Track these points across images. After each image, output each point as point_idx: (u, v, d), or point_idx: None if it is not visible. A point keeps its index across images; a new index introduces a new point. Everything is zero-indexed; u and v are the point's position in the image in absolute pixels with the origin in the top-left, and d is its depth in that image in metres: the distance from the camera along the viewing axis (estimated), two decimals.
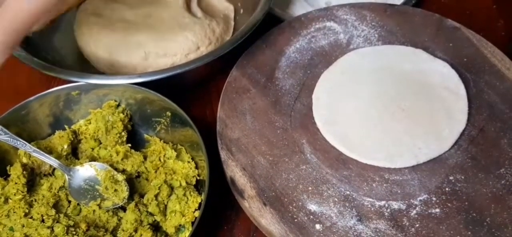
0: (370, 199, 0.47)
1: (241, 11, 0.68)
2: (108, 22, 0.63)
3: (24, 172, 0.51)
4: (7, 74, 0.64)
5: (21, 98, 0.53)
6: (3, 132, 0.49)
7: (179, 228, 0.49)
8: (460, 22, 0.60)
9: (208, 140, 0.51)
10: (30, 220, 0.49)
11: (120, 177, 0.50)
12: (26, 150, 0.50)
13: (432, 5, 0.66)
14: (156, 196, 0.50)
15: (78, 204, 0.50)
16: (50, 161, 0.50)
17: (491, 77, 0.55)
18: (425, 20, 0.60)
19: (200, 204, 0.49)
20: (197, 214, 0.48)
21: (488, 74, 0.55)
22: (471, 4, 0.69)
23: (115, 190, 0.50)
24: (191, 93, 0.61)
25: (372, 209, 0.47)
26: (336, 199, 0.47)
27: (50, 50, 0.62)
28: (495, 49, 0.57)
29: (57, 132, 0.54)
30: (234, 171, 0.50)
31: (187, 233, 0.48)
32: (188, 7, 0.66)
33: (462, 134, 0.51)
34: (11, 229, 0.49)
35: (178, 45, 0.61)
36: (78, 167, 0.51)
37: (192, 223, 0.48)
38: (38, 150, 0.50)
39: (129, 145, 0.54)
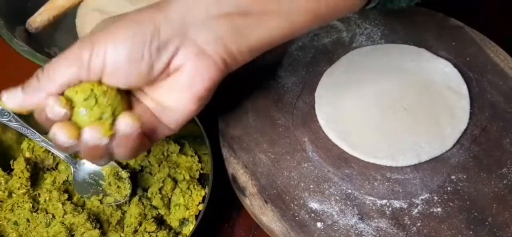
0: (372, 198, 0.47)
1: None
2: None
3: (28, 166, 0.51)
4: (9, 69, 0.64)
5: None
6: (14, 119, 0.50)
7: (183, 222, 0.49)
8: (463, 21, 0.60)
9: (210, 137, 0.51)
10: (34, 214, 0.49)
11: (124, 174, 0.50)
12: (35, 140, 0.50)
13: (435, 3, 0.65)
14: (160, 189, 0.50)
15: (81, 197, 0.50)
16: (58, 152, 0.50)
17: (494, 77, 0.54)
18: (428, 18, 0.60)
19: (204, 197, 0.49)
20: (201, 207, 0.48)
21: (491, 73, 0.55)
22: (474, 3, 0.69)
23: (118, 187, 0.50)
24: None
25: (374, 207, 0.47)
26: (337, 198, 0.47)
27: (52, 45, 0.62)
28: (498, 49, 0.56)
29: None
30: (235, 168, 0.50)
31: (191, 226, 0.49)
32: None
33: (464, 133, 0.50)
34: (15, 223, 0.49)
35: None
36: (84, 160, 0.51)
37: (196, 216, 0.48)
38: (46, 140, 0.50)
39: None
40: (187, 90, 0.38)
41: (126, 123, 0.37)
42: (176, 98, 0.39)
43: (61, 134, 0.36)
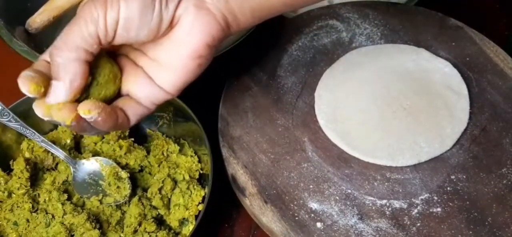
0: (372, 198, 0.47)
1: None
2: None
3: (27, 166, 0.51)
4: (9, 69, 0.64)
5: (22, 94, 0.53)
6: (14, 119, 0.50)
7: (182, 222, 0.49)
8: (463, 21, 0.60)
9: (209, 137, 0.51)
10: (34, 214, 0.49)
11: (124, 174, 0.50)
12: (35, 140, 0.50)
13: (435, 3, 0.66)
14: (159, 190, 0.50)
15: (80, 197, 0.51)
16: (57, 152, 0.51)
17: (493, 77, 0.54)
18: (428, 18, 0.60)
19: (203, 197, 0.49)
20: (200, 207, 0.48)
21: (490, 73, 0.55)
22: (474, 3, 0.69)
23: (118, 187, 0.50)
24: (192, 90, 0.61)
25: (373, 208, 0.47)
26: (337, 198, 0.47)
27: None
28: (498, 48, 0.57)
29: (59, 127, 0.54)
30: (235, 168, 0.50)
31: (191, 226, 0.49)
32: None
33: (464, 133, 0.51)
34: (15, 223, 0.49)
35: None
36: (83, 160, 0.51)
37: (196, 217, 0.48)
38: (46, 140, 0.50)
39: (132, 139, 0.54)
40: (186, 44, 0.38)
41: (84, 111, 0.37)
42: (175, 54, 0.38)
43: (36, 108, 0.38)
